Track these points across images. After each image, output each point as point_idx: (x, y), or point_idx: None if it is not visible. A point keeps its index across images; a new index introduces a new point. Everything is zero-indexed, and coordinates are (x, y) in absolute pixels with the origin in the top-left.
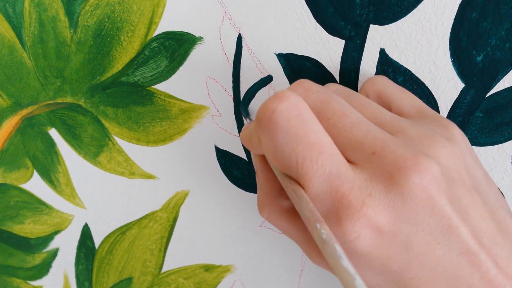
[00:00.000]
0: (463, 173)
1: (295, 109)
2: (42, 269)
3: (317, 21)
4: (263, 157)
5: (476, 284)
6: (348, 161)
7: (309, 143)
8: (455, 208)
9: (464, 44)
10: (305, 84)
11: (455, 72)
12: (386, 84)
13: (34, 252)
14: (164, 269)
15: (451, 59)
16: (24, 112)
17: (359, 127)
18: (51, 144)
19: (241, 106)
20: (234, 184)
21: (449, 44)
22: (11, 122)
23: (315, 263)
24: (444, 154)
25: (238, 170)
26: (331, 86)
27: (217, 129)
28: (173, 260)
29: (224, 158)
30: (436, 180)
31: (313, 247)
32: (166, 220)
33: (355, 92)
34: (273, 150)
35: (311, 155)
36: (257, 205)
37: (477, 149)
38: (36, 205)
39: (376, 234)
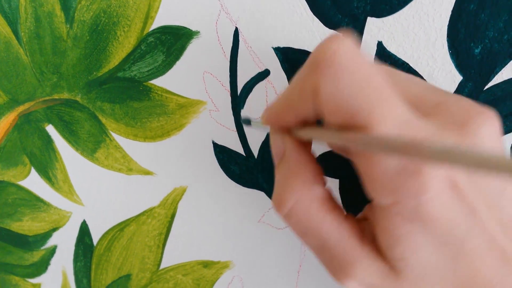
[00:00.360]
0: None
1: (357, 48)
2: (41, 267)
3: (314, 14)
4: (295, 140)
5: None
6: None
7: (379, 83)
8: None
9: (462, 37)
10: (340, 41)
11: (453, 64)
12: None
13: (32, 249)
14: (162, 266)
15: (449, 51)
16: (21, 108)
17: (417, 83)
18: (48, 140)
19: (242, 120)
20: (232, 179)
21: (447, 37)
22: (8, 119)
23: (340, 279)
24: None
25: (236, 166)
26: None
27: (215, 124)
28: (172, 256)
29: (222, 154)
30: (500, 128)
31: (342, 251)
32: (164, 216)
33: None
34: (336, 96)
35: (382, 97)
36: (276, 198)
37: None
38: (34, 202)
39: (450, 192)
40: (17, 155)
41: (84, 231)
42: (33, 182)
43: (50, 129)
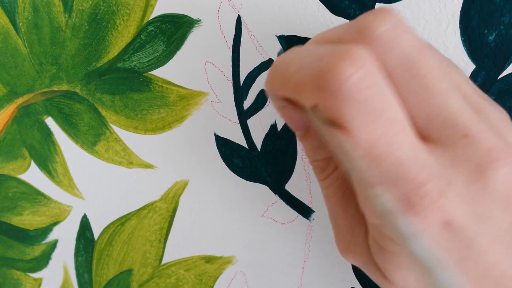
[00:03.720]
0: None
1: (372, 78)
2: (42, 261)
3: (320, 0)
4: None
5: None
6: (423, 135)
7: (386, 120)
8: None
9: (475, 23)
10: (392, 16)
11: (465, 52)
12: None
13: (33, 243)
14: (164, 261)
15: (461, 38)
16: (20, 100)
17: (456, 99)
18: (48, 133)
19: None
20: (234, 173)
21: (459, 23)
22: (7, 111)
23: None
24: None
25: (239, 159)
26: None
27: (217, 116)
28: (174, 251)
29: (224, 146)
30: None
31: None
32: (166, 210)
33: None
34: (327, 124)
35: (386, 135)
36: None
37: None
38: (34, 196)
39: (443, 228)
40: (16, 148)
41: (84, 225)
42: (33, 175)
43: (50, 121)
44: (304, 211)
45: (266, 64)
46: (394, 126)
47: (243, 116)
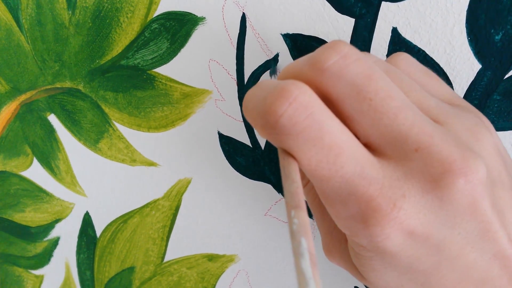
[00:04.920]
0: (503, 171)
1: (304, 110)
2: (44, 258)
3: None
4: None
5: (504, 286)
6: (377, 150)
7: (323, 146)
8: (495, 212)
9: (482, 22)
10: (341, 48)
11: (471, 52)
12: (411, 65)
13: (35, 240)
14: (166, 259)
15: (467, 38)
16: (23, 97)
17: (406, 115)
18: (51, 130)
19: (271, 68)
20: (238, 171)
21: (466, 22)
22: (10, 108)
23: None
24: (487, 151)
25: (242, 157)
26: (365, 55)
27: (220, 114)
28: (176, 249)
29: (228, 145)
30: (481, 184)
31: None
32: (168, 208)
33: (392, 66)
34: (281, 151)
35: (327, 158)
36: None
37: None
38: (36, 193)
39: (407, 236)
40: (19, 145)
41: (87, 222)
42: (36, 172)
43: (52, 118)
44: (307, 210)
45: (270, 63)
46: (332, 149)
47: None
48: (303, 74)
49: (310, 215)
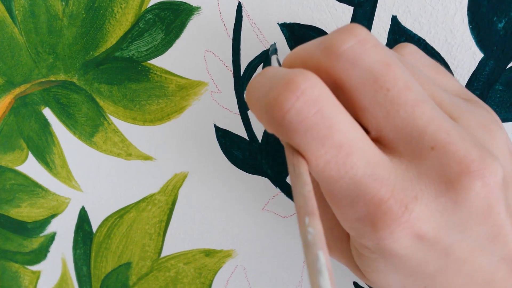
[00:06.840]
0: None
1: (313, 105)
2: (40, 254)
3: None
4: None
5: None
6: (388, 146)
7: (332, 145)
8: (508, 215)
9: (484, 10)
10: (359, 31)
11: (473, 41)
12: (419, 58)
13: (31, 236)
14: (163, 254)
15: (469, 26)
16: (17, 91)
17: (423, 110)
18: (45, 124)
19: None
20: (235, 165)
21: (468, 10)
22: (4, 102)
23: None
24: (501, 150)
25: (239, 151)
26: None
27: (217, 106)
28: (173, 244)
29: (224, 138)
30: (498, 187)
31: None
32: (165, 203)
33: (403, 57)
34: (289, 147)
35: (336, 159)
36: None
37: None
38: (32, 188)
39: (416, 239)
40: (14, 140)
41: (83, 217)
42: (31, 167)
43: (47, 112)
44: None
45: (267, 53)
46: (342, 149)
47: (244, 107)
48: (313, 58)
49: None
